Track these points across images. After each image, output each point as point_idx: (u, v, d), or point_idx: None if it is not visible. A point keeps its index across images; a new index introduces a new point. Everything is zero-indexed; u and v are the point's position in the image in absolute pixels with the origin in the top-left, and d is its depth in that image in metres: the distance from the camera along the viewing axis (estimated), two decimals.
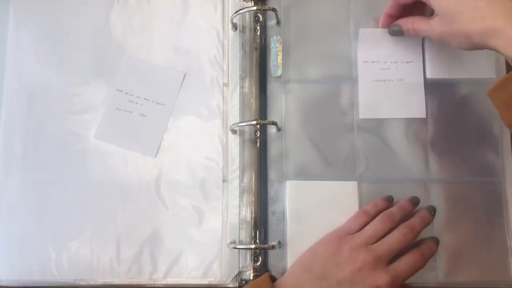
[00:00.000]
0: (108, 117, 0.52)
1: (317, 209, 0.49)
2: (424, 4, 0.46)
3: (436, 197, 0.50)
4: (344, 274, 0.42)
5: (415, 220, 0.46)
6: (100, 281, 0.49)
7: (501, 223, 0.49)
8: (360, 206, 0.49)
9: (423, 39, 0.52)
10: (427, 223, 0.46)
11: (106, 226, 0.50)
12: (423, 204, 0.49)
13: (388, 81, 0.51)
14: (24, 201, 0.50)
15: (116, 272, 0.49)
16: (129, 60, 0.53)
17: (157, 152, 0.51)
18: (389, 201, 0.48)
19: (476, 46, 0.42)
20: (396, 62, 0.52)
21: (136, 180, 0.51)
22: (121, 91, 0.52)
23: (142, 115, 0.52)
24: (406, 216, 0.46)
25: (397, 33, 0.50)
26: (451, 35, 0.43)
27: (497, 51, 0.40)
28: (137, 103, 0.52)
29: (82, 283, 0.49)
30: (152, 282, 0.49)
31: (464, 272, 0.48)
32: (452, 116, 0.51)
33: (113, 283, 0.49)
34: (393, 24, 0.50)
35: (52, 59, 0.53)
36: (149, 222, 0.50)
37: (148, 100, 0.52)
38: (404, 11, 0.49)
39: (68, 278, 0.49)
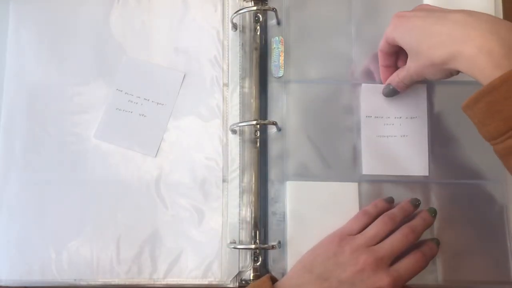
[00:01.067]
0: (108, 117, 0.52)
1: (317, 210, 0.49)
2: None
3: (436, 198, 0.50)
4: (345, 274, 0.42)
5: (416, 222, 0.45)
6: (100, 281, 0.49)
7: (501, 224, 0.49)
8: (360, 207, 0.49)
9: (427, 94, 0.51)
10: (428, 224, 0.46)
11: (106, 226, 0.50)
12: (423, 205, 0.49)
13: (392, 137, 0.51)
14: (24, 201, 0.50)
15: (116, 272, 0.49)
16: (129, 60, 0.53)
17: (157, 152, 0.51)
18: (390, 202, 0.48)
19: (446, 72, 0.42)
20: (400, 117, 0.51)
21: (136, 180, 0.51)
22: (121, 91, 0.52)
23: (142, 115, 0.52)
24: (407, 218, 0.46)
25: (391, 92, 0.50)
26: (422, 68, 0.43)
27: (463, 72, 0.40)
28: (137, 103, 0.52)
29: (82, 283, 0.49)
30: (152, 282, 0.49)
31: (464, 273, 0.48)
32: (452, 117, 0.51)
33: (113, 283, 0.49)
34: (384, 85, 0.50)
35: (52, 59, 0.53)
36: (149, 222, 0.50)
37: (148, 100, 0.52)
38: (398, 59, 0.49)
39: (68, 278, 0.49)
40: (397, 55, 0.49)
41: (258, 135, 0.51)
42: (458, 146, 0.51)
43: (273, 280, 0.44)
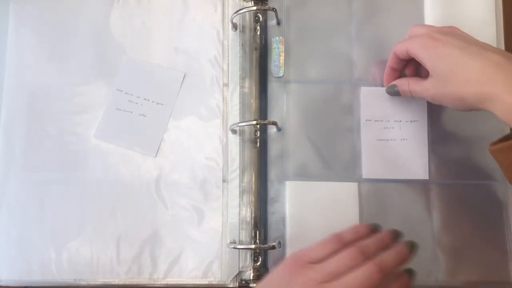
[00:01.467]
0: (108, 117, 0.52)
1: (317, 210, 0.49)
2: None
3: (436, 199, 0.50)
4: None
5: (388, 257, 0.39)
6: (100, 281, 0.49)
7: (501, 225, 0.49)
8: (360, 207, 0.49)
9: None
10: (403, 261, 0.40)
11: (106, 226, 0.50)
12: (422, 205, 0.49)
13: (392, 141, 0.51)
14: (24, 201, 0.50)
15: (116, 272, 0.49)
16: (129, 60, 0.53)
17: (157, 152, 0.51)
18: (374, 231, 0.43)
19: (471, 108, 0.41)
20: (400, 121, 0.51)
21: (136, 180, 0.51)
22: (121, 91, 0.52)
23: (142, 115, 0.52)
24: (383, 250, 0.40)
25: (394, 93, 0.49)
26: (444, 97, 0.42)
27: (495, 115, 0.39)
28: (137, 103, 0.52)
29: (82, 283, 0.49)
30: (152, 282, 0.49)
31: (464, 273, 0.48)
32: (452, 118, 0.51)
33: (113, 283, 0.49)
34: (390, 84, 0.49)
35: (52, 59, 0.53)
36: (149, 222, 0.50)
37: (148, 100, 0.52)
38: (406, 66, 0.49)
39: (68, 278, 0.49)
40: (408, 62, 0.48)
41: (258, 135, 0.51)
42: (458, 148, 0.51)
43: None
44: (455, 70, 0.41)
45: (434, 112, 0.51)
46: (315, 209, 0.49)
